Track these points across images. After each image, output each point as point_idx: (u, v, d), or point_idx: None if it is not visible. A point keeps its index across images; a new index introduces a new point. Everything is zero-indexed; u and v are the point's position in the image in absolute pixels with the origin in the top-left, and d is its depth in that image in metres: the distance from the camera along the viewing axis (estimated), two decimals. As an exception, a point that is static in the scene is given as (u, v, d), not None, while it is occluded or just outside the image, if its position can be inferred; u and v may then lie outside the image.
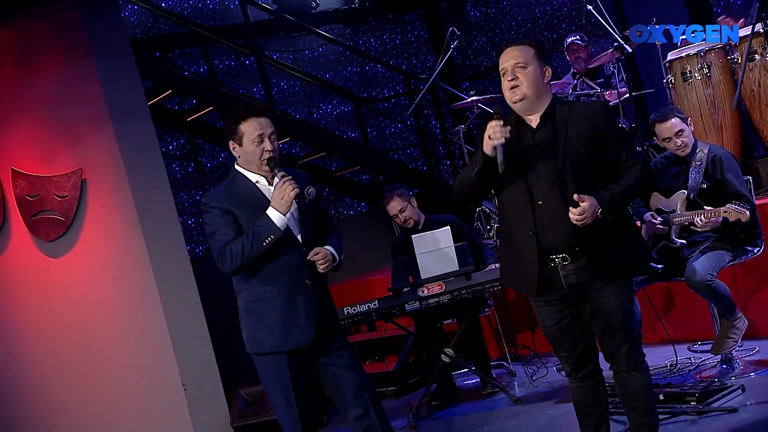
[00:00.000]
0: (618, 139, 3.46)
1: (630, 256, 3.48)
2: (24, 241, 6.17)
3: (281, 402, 3.83)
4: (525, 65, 3.44)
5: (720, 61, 5.88)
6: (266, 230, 3.65)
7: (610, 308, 3.46)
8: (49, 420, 6.13)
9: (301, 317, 3.78)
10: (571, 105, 3.56)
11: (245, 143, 3.75)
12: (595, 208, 3.30)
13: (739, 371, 4.75)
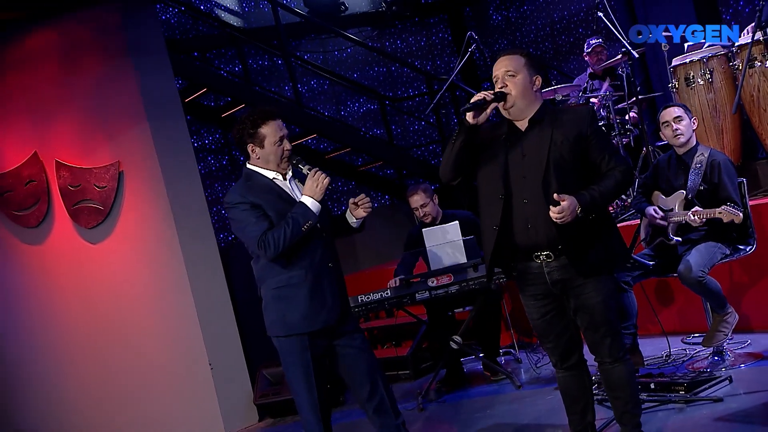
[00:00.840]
0: (601, 143, 3.48)
1: (608, 253, 3.49)
2: (66, 228, 6.29)
3: (302, 385, 3.88)
4: (515, 74, 3.48)
5: (722, 67, 5.86)
6: (304, 216, 3.76)
7: (592, 304, 3.49)
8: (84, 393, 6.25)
9: (327, 298, 3.87)
10: (559, 110, 3.61)
11: (267, 145, 3.84)
12: (574, 207, 3.33)
13: (730, 363, 4.75)
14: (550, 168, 3.43)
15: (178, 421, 6.11)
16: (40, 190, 6.27)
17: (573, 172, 3.44)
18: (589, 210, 3.38)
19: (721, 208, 4.55)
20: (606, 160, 3.45)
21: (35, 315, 6.28)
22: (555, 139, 3.45)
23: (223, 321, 6.26)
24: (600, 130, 3.55)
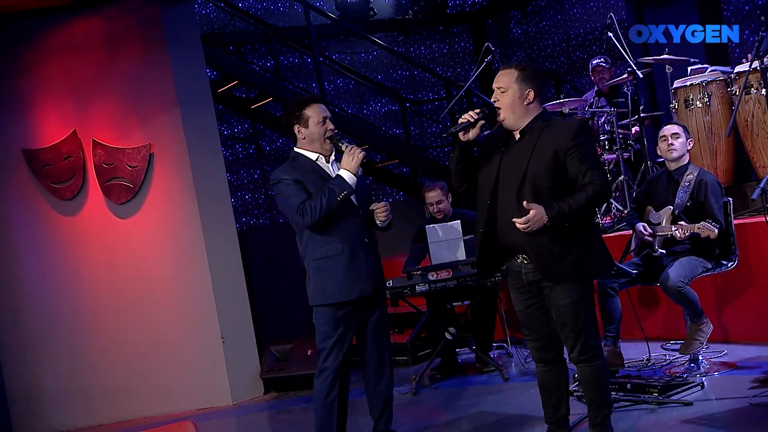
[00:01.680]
0: (581, 156, 3.44)
1: (581, 261, 3.49)
2: (98, 202, 6.40)
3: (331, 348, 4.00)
4: (505, 89, 3.53)
5: (720, 92, 5.88)
6: (340, 186, 3.90)
7: (559, 306, 3.53)
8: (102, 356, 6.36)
9: (363, 270, 4.01)
10: (550, 122, 3.56)
11: (311, 125, 3.99)
12: (541, 217, 3.36)
13: (705, 370, 4.79)
14: (527, 178, 3.47)
15: (189, 389, 6.21)
16: (76, 166, 6.38)
17: (550, 182, 3.45)
18: (557, 221, 3.39)
19: (700, 223, 4.61)
20: (583, 174, 3.43)
21: (64, 280, 6.40)
22: (537, 150, 3.48)
23: (236, 298, 6.37)
24: (584, 143, 3.48)
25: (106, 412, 6.30)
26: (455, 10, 10.56)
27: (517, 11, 10.59)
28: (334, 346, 4.00)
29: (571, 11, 9.92)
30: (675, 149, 4.90)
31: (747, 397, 4.16)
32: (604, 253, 3.60)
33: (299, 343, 6.40)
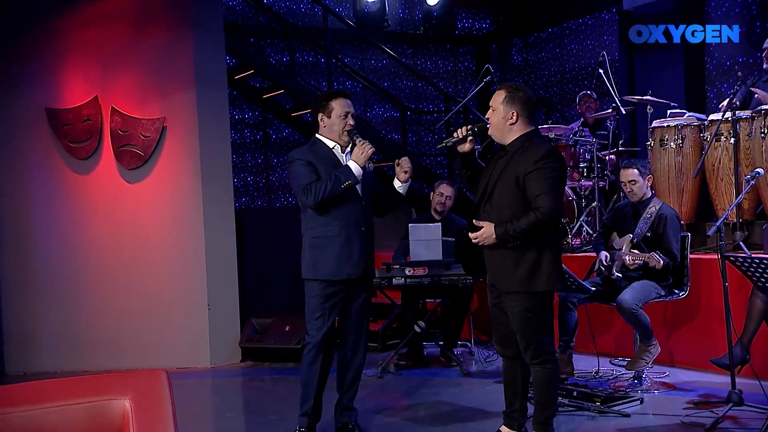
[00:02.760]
0: (537, 182, 3.47)
1: (530, 274, 3.53)
2: (109, 165, 6.41)
3: (317, 321, 4.02)
4: (493, 109, 3.62)
5: (693, 136, 5.93)
6: (346, 176, 3.92)
7: (512, 313, 3.61)
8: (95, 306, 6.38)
9: (354, 254, 4.02)
10: (529, 145, 3.59)
11: (333, 116, 4.02)
12: (490, 234, 3.48)
13: (646, 387, 4.85)
14: (493, 195, 3.58)
15: (172, 348, 6.23)
16: (94, 129, 6.40)
17: (510, 201, 3.53)
18: (503, 239, 3.48)
19: (650, 254, 4.68)
20: (535, 198, 3.47)
21: (69, 233, 6.41)
22: (507, 169, 3.56)
23: (226, 271, 6.40)
24: (543, 169, 3.48)
25: (93, 360, 6.31)
26: (463, 32, 10.60)
27: (520, 40, 10.65)
28: (319, 319, 4.02)
29: (569, 46, 9.99)
30: (634, 193, 5.00)
31: (680, 416, 4.22)
32: (555, 269, 3.59)
33: (279, 319, 6.43)
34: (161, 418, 2.23)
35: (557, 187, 3.56)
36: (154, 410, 2.26)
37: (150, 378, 2.38)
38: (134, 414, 2.25)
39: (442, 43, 10.44)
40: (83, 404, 2.28)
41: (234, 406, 5.34)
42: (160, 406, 2.27)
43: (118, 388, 2.33)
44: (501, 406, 4.42)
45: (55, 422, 2.22)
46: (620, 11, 8.84)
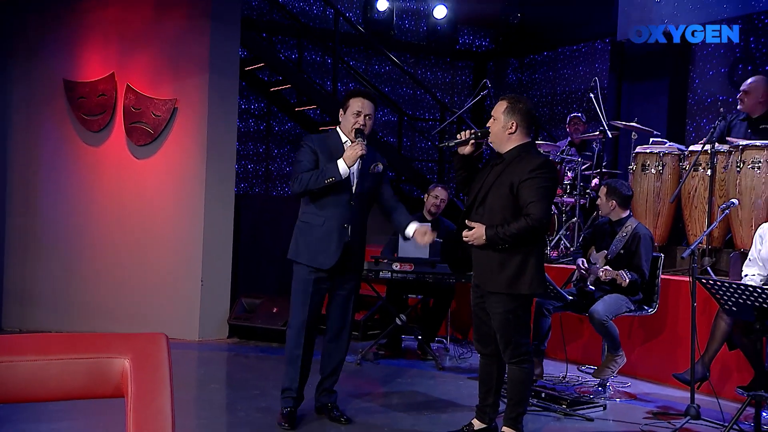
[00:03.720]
0: (530, 191, 3.46)
1: (513, 278, 3.51)
2: (119, 140, 6.37)
3: (298, 303, 3.99)
4: (494, 118, 3.61)
5: (673, 164, 5.94)
6: (330, 172, 3.88)
7: (494, 313, 3.59)
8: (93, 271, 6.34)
9: (331, 247, 3.97)
10: (525, 154, 3.58)
11: (348, 113, 3.99)
12: (480, 235, 3.47)
13: (609, 395, 4.85)
14: (486, 199, 3.56)
15: (163, 318, 6.18)
16: (108, 104, 6.34)
17: (502, 206, 3.52)
18: (493, 241, 3.47)
19: (620, 271, 4.69)
20: (526, 205, 3.46)
21: (76, 200, 6.37)
22: (503, 176, 3.54)
23: (222, 250, 6.35)
24: (536, 178, 3.48)
25: (86, 323, 6.26)
26: (463, 47, 10.61)
27: (516, 60, 10.67)
28: (299, 301, 3.98)
29: (562, 70, 10.02)
30: (601, 210, 5.12)
31: (640, 424, 4.23)
32: (538, 275, 3.58)
33: (267, 300, 6.39)
34: (159, 380, 2.19)
35: (548, 197, 3.56)
36: (153, 372, 2.21)
37: (150, 341, 2.33)
38: (133, 374, 2.20)
39: (443, 56, 10.44)
40: (84, 359, 2.23)
41: (219, 379, 5.30)
42: (158, 368, 2.22)
43: (119, 347, 2.28)
44: (473, 401, 4.43)
45: (56, 374, 2.17)
46: (613, 42, 8.88)
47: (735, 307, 3.86)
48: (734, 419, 3.80)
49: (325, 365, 4.18)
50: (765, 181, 5.33)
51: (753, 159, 5.37)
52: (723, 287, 3.82)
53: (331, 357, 4.17)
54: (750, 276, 4.41)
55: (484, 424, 3.80)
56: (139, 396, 2.14)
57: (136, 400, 2.13)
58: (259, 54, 8.03)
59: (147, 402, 2.12)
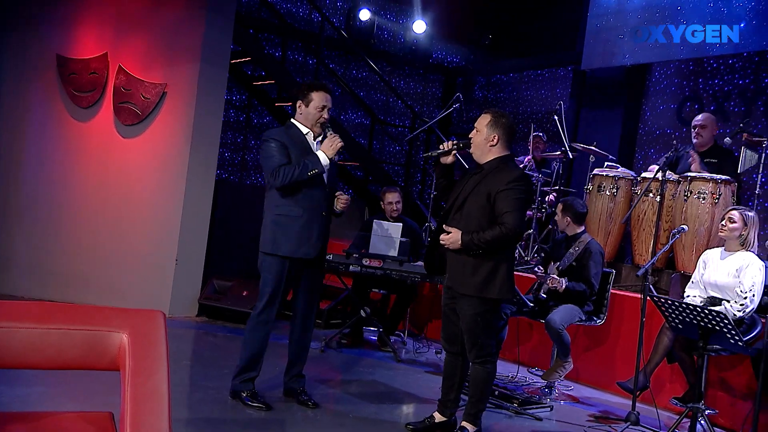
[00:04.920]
0: (504, 202, 3.44)
1: (483, 283, 3.48)
2: (107, 118, 6.16)
3: (266, 294, 3.86)
4: (478, 130, 3.58)
5: (626, 188, 6.02)
6: (313, 164, 3.78)
7: (464, 315, 3.57)
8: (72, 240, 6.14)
9: (313, 236, 3.88)
10: (503, 166, 3.56)
11: (311, 107, 3.86)
12: (456, 240, 3.45)
13: (555, 397, 4.87)
14: (464, 206, 3.53)
15: (136, 292, 6.01)
16: (98, 82, 6.12)
17: (479, 214, 3.49)
18: (468, 247, 3.44)
19: (561, 279, 4.74)
20: (501, 215, 3.44)
21: (60, 173, 6.15)
22: (480, 186, 3.52)
23: (198, 231, 6.18)
24: (512, 190, 3.46)
25: (61, 292, 6.04)
26: (436, 62, 10.61)
27: (484, 78, 10.72)
28: (273, 291, 3.88)
29: (525, 92, 10.10)
30: (558, 225, 5.14)
31: (584, 426, 4.27)
32: (507, 281, 3.56)
33: (238, 284, 6.26)
34: (157, 357, 2.11)
35: (523, 208, 3.54)
36: (151, 349, 2.12)
37: (148, 318, 2.24)
38: (131, 349, 2.11)
39: (417, 67, 10.42)
40: (83, 331, 2.13)
41: (190, 356, 5.16)
42: (156, 345, 2.14)
43: (117, 321, 2.19)
44: (431, 393, 4.43)
45: (54, 343, 2.06)
46: (575, 70, 8.99)
47: (681, 324, 3.92)
48: (672, 428, 3.85)
49: (295, 350, 4.10)
50: (708, 210, 5.44)
51: (699, 190, 5.48)
52: (673, 306, 3.88)
53: (301, 342, 4.09)
54: (691, 296, 4.49)
55: (444, 417, 3.78)
56: (136, 371, 2.05)
57: (133, 375, 2.04)
58: (246, 48, 7.86)
59: (144, 378, 2.03)
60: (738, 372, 4.61)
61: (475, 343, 3.56)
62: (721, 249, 4.52)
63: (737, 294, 4.25)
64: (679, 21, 7.33)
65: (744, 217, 4.38)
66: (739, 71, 7.64)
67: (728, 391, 4.66)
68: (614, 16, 7.98)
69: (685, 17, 7.28)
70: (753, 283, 4.22)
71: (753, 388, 4.45)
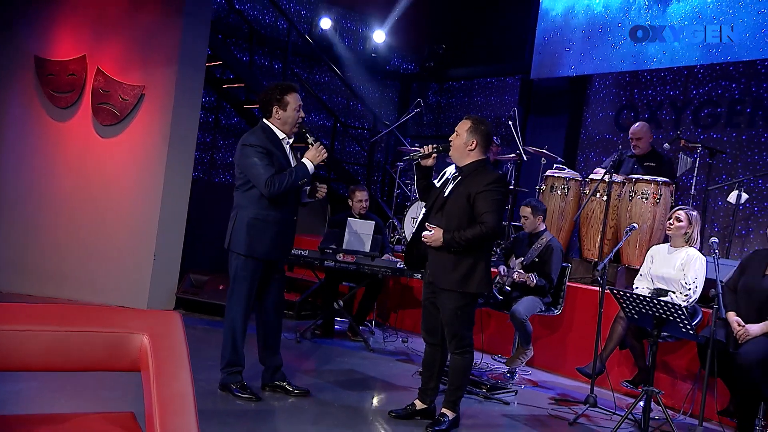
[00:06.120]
0: (484, 202, 3.44)
1: (463, 278, 3.48)
2: (86, 118, 5.91)
3: (243, 293, 3.73)
4: (458, 134, 3.57)
5: (576, 188, 6.12)
6: (303, 174, 3.67)
7: (444, 308, 3.55)
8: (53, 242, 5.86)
9: (287, 240, 3.80)
10: (482, 170, 3.56)
11: (289, 110, 3.71)
12: (438, 238, 3.43)
13: (516, 381, 4.93)
14: (445, 206, 3.52)
15: (115, 287, 5.81)
16: (77, 84, 5.86)
17: (460, 214, 3.48)
18: (449, 245, 3.43)
19: (529, 275, 4.79)
20: (481, 215, 3.44)
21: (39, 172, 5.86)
22: (461, 188, 3.51)
23: (175, 228, 6.00)
24: (490, 191, 3.46)
25: (39, 286, 5.78)
26: (392, 69, 10.58)
27: (437, 85, 10.73)
28: (247, 292, 3.75)
29: (476, 98, 10.16)
30: (526, 225, 5.15)
31: (547, 409, 4.32)
32: (486, 276, 3.58)
33: (214, 278, 6.11)
34: (178, 358, 2.01)
35: (501, 209, 3.54)
36: (172, 350, 2.02)
37: (166, 319, 2.13)
38: (152, 351, 2.01)
39: (374, 73, 10.35)
40: (103, 333, 2.02)
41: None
42: (177, 346, 2.04)
43: (137, 323, 2.07)
44: (405, 381, 4.41)
45: (78, 345, 1.95)
46: (523, 79, 9.09)
47: (637, 315, 4.00)
48: (630, 409, 3.93)
49: (271, 342, 3.98)
50: (651, 209, 5.59)
51: (642, 191, 5.62)
52: (631, 298, 3.95)
53: (276, 332, 3.97)
54: (640, 288, 4.60)
55: (425, 404, 3.76)
56: (160, 373, 1.95)
57: (158, 377, 1.94)
58: (216, 52, 7.64)
59: (169, 379, 1.93)
60: (678, 356, 4.75)
61: (455, 335, 3.55)
62: (667, 245, 4.64)
63: (682, 286, 4.37)
64: (620, 37, 7.50)
65: (689, 216, 4.51)
66: (670, 83, 7.86)
67: (669, 373, 4.80)
68: (561, 30, 8.10)
69: (626, 33, 7.45)
70: (696, 277, 4.35)
71: (692, 370, 4.60)
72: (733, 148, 7.13)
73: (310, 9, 9.59)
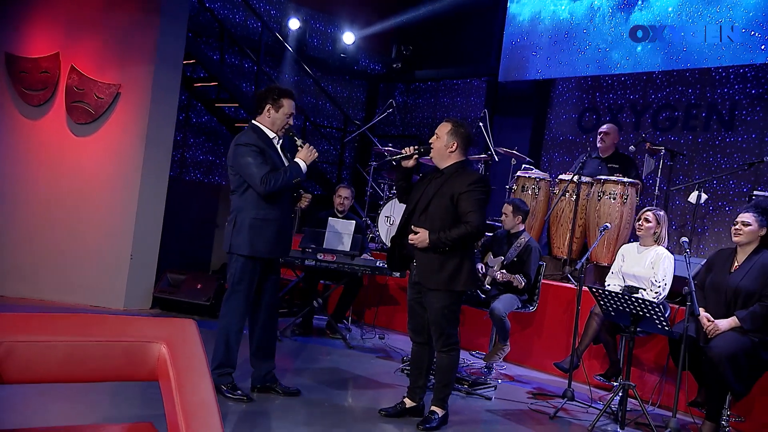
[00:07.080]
0: (467, 202, 3.44)
1: (450, 277, 3.48)
2: (59, 116, 5.71)
3: (242, 295, 3.67)
4: (437, 136, 3.58)
5: (546, 188, 6.20)
6: (298, 172, 3.65)
7: (432, 308, 3.55)
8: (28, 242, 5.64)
9: (287, 236, 3.77)
10: (462, 170, 3.56)
11: (281, 113, 3.69)
12: (424, 239, 3.43)
13: (494, 376, 4.97)
14: (428, 208, 3.51)
15: (91, 288, 5.64)
16: (50, 81, 5.65)
17: (443, 214, 3.48)
18: (435, 244, 3.43)
19: (515, 275, 4.84)
20: (465, 214, 3.45)
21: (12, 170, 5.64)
22: (443, 188, 3.51)
23: (152, 228, 5.86)
24: (473, 191, 3.46)
25: (13, 287, 5.58)
26: (360, 69, 10.53)
27: (403, 85, 10.74)
28: (246, 292, 3.70)
29: (442, 99, 10.21)
30: (505, 223, 5.16)
31: (526, 403, 4.37)
32: (471, 274, 3.59)
33: (192, 277, 5.98)
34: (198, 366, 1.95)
35: (484, 207, 3.54)
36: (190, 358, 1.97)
37: (183, 327, 2.07)
38: (171, 359, 1.95)
39: (343, 74, 10.29)
40: (121, 342, 1.95)
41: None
42: (195, 354, 1.98)
43: (154, 332, 2.01)
44: (389, 378, 4.40)
45: (96, 355, 1.88)
46: (489, 81, 9.18)
47: (614, 312, 4.09)
48: (608, 402, 4.02)
49: (266, 343, 3.94)
50: (618, 209, 5.71)
51: (610, 191, 5.74)
52: (609, 296, 4.04)
53: (272, 335, 3.93)
54: (612, 285, 4.70)
55: (414, 402, 3.76)
56: (181, 382, 1.90)
57: (180, 386, 1.88)
58: (190, 51, 7.47)
59: (191, 388, 1.88)
60: (646, 349, 4.88)
61: (442, 334, 3.56)
62: (636, 244, 4.75)
63: (652, 283, 4.48)
64: (585, 42, 7.63)
65: (657, 216, 4.63)
66: (630, 87, 8.05)
67: (638, 366, 4.91)
68: (528, 35, 8.20)
69: (591, 39, 7.59)
70: (665, 275, 4.47)
71: (660, 363, 4.72)
72: (690, 150, 7.36)
73: (280, 9, 9.47)
